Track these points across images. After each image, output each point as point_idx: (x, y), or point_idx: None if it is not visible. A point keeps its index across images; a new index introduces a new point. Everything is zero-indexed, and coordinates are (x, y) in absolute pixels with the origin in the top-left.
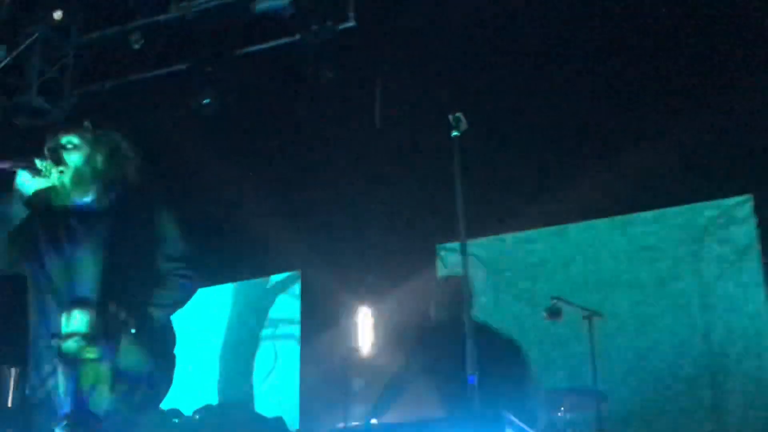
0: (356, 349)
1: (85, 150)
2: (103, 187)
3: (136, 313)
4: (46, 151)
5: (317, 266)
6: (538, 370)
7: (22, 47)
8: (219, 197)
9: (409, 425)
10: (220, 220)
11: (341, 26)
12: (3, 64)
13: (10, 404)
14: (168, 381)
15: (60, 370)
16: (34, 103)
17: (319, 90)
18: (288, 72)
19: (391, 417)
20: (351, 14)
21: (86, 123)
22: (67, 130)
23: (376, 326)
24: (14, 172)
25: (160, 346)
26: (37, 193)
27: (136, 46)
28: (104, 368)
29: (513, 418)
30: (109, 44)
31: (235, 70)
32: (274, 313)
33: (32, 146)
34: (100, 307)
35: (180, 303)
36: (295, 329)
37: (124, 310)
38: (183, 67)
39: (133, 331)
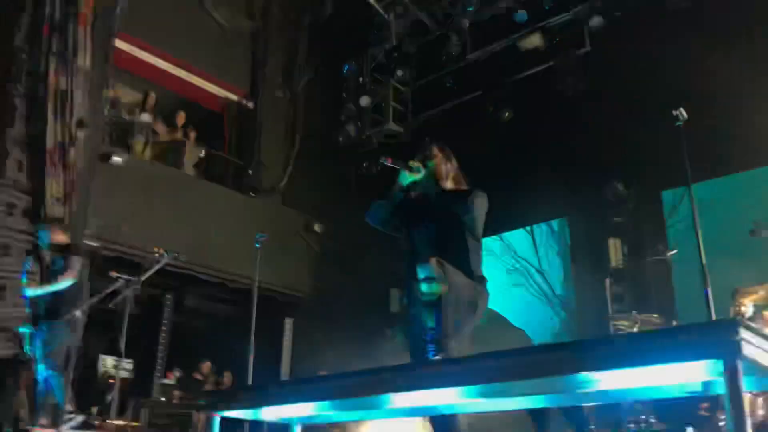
0: None
1: (436, 159)
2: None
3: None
4: (417, 158)
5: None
6: None
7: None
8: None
9: None
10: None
11: (581, 51)
12: (370, 106)
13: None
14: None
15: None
16: (391, 128)
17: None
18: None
19: None
20: (587, 41)
21: (426, 139)
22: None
23: None
24: (398, 169)
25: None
26: (409, 185)
27: (448, 84)
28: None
29: None
30: (432, 85)
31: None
32: None
33: (399, 157)
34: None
35: None
36: None
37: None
38: (478, 93)
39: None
